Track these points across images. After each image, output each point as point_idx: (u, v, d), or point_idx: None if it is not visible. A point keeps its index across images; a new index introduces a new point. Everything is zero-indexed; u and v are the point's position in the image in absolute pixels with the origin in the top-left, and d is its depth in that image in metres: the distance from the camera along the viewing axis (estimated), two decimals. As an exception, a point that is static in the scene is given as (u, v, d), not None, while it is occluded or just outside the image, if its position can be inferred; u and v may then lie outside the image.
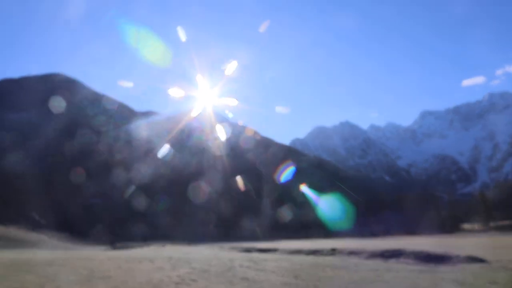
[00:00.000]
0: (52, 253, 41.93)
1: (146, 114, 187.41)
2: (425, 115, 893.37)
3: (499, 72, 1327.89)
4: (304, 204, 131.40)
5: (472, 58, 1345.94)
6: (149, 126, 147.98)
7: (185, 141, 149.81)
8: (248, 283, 17.91)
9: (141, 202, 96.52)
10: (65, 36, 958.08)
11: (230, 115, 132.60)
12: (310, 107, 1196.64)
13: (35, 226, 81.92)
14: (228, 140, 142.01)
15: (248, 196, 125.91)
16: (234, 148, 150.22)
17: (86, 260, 30.66)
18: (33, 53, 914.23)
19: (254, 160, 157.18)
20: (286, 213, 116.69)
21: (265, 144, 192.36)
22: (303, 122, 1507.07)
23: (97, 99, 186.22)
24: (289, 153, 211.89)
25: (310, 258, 33.03)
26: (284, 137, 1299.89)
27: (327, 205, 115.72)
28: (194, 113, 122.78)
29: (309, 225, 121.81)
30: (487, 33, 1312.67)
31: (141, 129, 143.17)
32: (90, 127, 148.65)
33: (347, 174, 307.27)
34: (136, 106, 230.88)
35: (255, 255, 39.59)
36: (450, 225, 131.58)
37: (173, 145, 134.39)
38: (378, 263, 28.19)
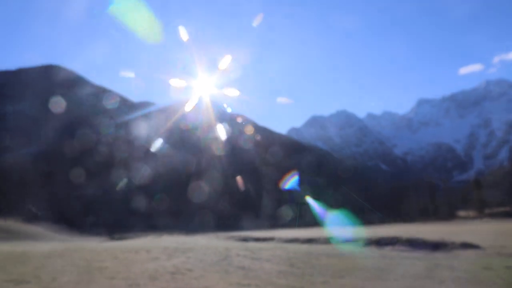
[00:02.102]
0: (49, 245, 41.93)
1: (144, 105, 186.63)
2: (421, 103, 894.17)
3: (496, 60, 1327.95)
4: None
5: (470, 46, 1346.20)
6: (147, 118, 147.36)
7: (183, 134, 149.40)
8: (243, 271, 17.93)
9: (139, 195, 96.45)
10: (61, 28, 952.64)
11: (229, 110, 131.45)
12: (308, 97, 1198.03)
13: (33, 218, 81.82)
14: (227, 133, 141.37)
15: (248, 194, 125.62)
16: (232, 143, 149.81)
17: (83, 251, 30.68)
18: (29, 44, 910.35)
19: (254, 156, 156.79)
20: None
21: (266, 137, 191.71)
22: (301, 112, 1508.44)
23: (96, 92, 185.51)
24: (290, 147, 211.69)
25: (306, 247, 33.14)
26: (281, 126, 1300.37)
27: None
28: (191, 104, 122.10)
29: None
30: (484, 22, 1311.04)
31: (138, 121, 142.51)
32: (88, 120, 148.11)
33: (345, 167, 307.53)
34: (135, 98, 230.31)
35: (251, 244, 39.68)
36: (445, 212, 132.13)
37: (170, 139, 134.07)
38: (373, 250, 28.30)
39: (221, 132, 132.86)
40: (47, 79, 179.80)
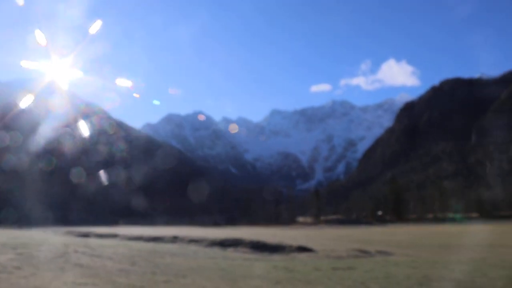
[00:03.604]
0: None
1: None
2: (274, 113, 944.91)
3: (342, 82, 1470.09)
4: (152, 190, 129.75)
5: (321, 66, 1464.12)
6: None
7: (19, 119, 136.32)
8: (81, 269, 16.94)
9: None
10: None
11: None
12: (166, 94, 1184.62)
13: None
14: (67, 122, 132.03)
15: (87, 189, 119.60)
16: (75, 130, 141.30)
17: None
18: None
19: (101, 149, 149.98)
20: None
21: (118, 131, 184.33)
22: (157, 107, 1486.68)
23: None
24: (145, 144, 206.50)
25: (150, 245, 32.64)
26: (136, 120, 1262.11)
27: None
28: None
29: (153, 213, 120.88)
30: (336, 45, 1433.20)
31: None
32: None
33: (197, 167, 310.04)
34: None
35: (93, 240, 37.82)
36: (287, 218, 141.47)
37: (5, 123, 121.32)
38: (216, 251, 28.98)
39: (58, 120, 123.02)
40: None
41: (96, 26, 13.61)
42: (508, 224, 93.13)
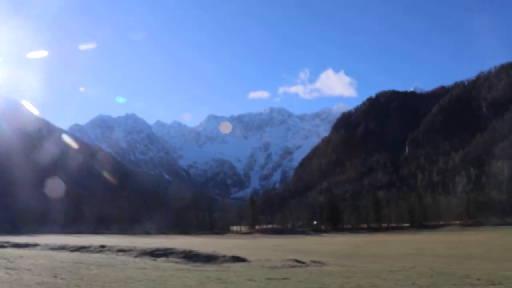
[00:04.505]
0: None
1: None
2: (210, 119, 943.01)
3: (281, 90, 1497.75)
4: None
5: (261, 73, 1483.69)
6: None
7: None
8: (-7, 283, 15.87)
9: None
10: None
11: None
12: (94, 94, 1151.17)
13: None
14: None
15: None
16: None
17: None
18: None
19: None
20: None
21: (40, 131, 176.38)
22: (85, 107, 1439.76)
23: None
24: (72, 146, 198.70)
25: (75, 255, 31.40)
26: (63, 120, 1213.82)
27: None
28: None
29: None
30: (274, 53, 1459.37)
31: None
32: None
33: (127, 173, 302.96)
34: None
35: (9, 250, 35.82)
36: (221, 227, 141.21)
37: None
38: (146, 261, 28.34)
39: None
40: None
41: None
42: (437, 234, 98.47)
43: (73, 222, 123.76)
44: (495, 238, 65.29)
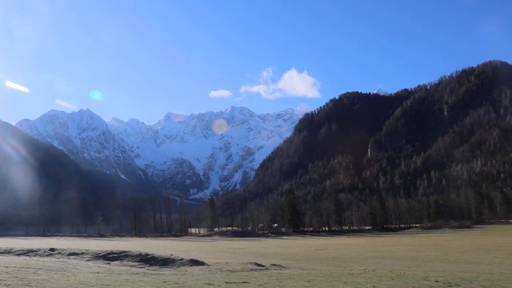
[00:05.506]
0: None
1: None
2: (169, 117, 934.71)
3: (243, 89, 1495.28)
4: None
5: (222, 72, 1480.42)
6: None
7: None
8: None
9: None
10: None
11: None
12: (47, 87, 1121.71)
13: None
14: None
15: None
16: None
17: None
18: None
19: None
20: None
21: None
22: (36, 102, 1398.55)
23: None
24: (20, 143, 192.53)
25: (22, 259, 30.41)
26: (10, 114, 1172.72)
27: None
28: None
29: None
30: (237, 51, 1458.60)
31: None
32: None
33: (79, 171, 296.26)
34: None
35: None
36: (179, 229, 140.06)
37: None
38: (100, 265, 27.77)
39: None
40: None
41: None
42: (398, 236, 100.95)
43: (21, 224, 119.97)
44: (453, 240, 67.60)
